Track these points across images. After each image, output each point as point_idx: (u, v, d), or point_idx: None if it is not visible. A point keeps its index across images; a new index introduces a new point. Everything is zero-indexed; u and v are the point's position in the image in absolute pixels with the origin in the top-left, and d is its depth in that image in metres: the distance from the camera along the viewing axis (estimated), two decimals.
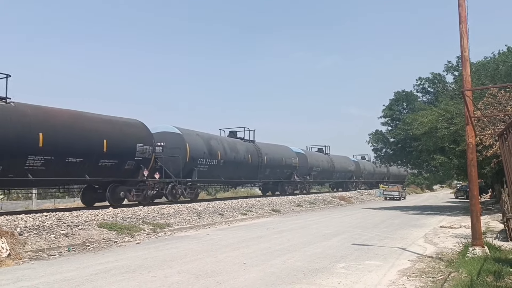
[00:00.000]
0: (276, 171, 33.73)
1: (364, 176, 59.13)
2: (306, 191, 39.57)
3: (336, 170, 47.37)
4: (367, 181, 60.11)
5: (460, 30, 9.24)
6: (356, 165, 55.15)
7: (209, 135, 27.06)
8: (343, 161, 51.15)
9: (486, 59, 27.08)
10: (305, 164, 39.06)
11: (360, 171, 56.43)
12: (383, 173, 64.58)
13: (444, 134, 23.10)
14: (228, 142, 28.42)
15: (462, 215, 22.58)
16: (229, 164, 27.35)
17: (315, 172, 41.71)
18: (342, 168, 49.85)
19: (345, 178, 51.99)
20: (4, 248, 9.97)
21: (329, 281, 7.63)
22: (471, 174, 9.30)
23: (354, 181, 55.43)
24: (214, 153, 25.88)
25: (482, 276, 7.11)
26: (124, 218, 15.70)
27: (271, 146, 34.29)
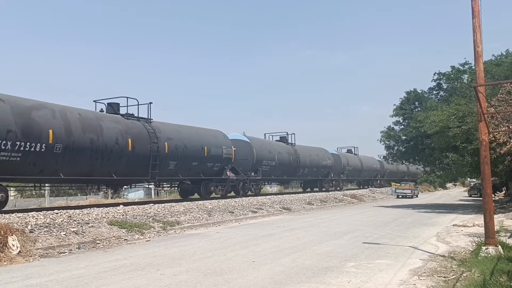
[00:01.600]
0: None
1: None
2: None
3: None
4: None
5: (473, 24, 9.05)
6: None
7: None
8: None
9: (500, 57, 26.67)
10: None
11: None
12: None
13: (456, 133, 22.79)
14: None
15: (476, 214, 22.26)
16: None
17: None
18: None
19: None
20: (15, 245, 10.04)
21: (338, 280, 7.53)
22: (484, 172, 9.12)
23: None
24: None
25: (495, 276, 6.95)
26: (135, 215, 15.74)
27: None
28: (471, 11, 9.12)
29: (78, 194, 37.59)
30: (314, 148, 41.34)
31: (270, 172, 31.91)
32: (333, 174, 42.99)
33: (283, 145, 35.54)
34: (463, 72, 28.65)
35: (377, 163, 58.64)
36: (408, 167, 66.29)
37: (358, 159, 52.86)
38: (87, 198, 36.48)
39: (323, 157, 41.28)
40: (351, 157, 50.57)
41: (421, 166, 53.41)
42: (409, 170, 67.92)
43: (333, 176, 43.22)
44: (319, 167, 40.15)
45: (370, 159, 56.84)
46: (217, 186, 25.46)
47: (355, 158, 51.66)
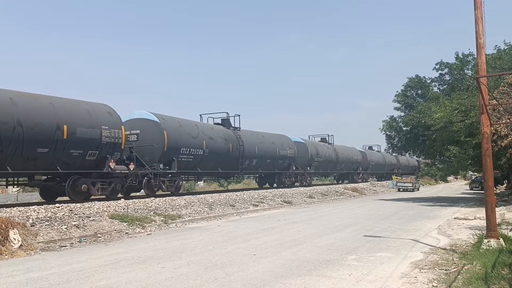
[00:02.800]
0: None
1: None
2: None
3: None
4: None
5: (475, 16, 8.97)
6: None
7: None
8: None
9: (503, 49, 26.52)
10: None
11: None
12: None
13: (460, 128, 22.70)
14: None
15: (477, 207, 22.23)
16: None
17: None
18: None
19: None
20: (16, 239, 10.05)
21: (339, 273, 7.52)
22: (486, 165, 9.06)
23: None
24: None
25: (497, 268, 6.93)
26: (136, 209, 15.75)
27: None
28: (473, 2, 9.03)
29: None
30: (268, 134, 32.78)
31: (195, 163, 23.58)
32: (295, 167, 34.79)
33: (220, 129, 26.89)
34: (466, 63, 28.41)
35: (358, 153, 50.97)
36: (398, 159, 63.40)
37: (382, 155, 53.49)
38: None
39: (281, 145, 32.84)
40: (323, 146, 42.15)
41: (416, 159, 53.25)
42: (399, 162, 64.07)
43: (296, 169, 34.95)
44: (274, 157, 31.66)
45: (349, 149, 48.65)
46: (94, 184, 17.58)
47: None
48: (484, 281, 6.37)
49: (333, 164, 43.02)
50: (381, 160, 58.43)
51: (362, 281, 6.92)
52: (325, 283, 6.83)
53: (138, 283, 6.92)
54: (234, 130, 27.81)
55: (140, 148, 20.53)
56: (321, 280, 7.02)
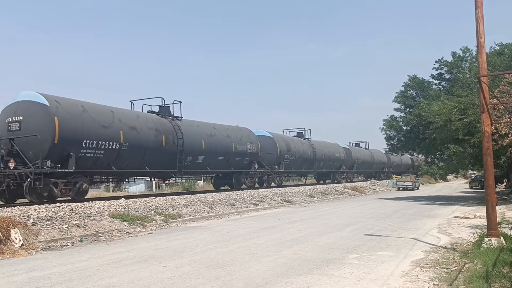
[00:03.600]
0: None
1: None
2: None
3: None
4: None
5: (476, 15, 8.97)
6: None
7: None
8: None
9: (502, 46, 26.51)
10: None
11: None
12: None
13: (458, 126, 22.70)
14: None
15: (477, 205, 22.26)
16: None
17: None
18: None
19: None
20: (17, 238, 10.06)
21: (341, 271, 7.53)
22: (487, 163, 9.07)
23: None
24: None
25: (497, 267, 6.94)
26: (136, 208, 15.77)
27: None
28: (474, 2, 9.04)
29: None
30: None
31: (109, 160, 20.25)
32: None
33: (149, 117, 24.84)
34: (464, 59, 28.38)
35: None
36: (412, 160, 66.38)
37: (370, 152, 54.23)
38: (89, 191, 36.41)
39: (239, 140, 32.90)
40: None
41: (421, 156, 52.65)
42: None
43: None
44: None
45: (329, 145, 47.59)
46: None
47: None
48: (485, 279, 6.38)
49: (309, 162, 38.21)
50: (368, 157, 54.05)
51: (363, 280, 6.94)
52: (326, 281, 6.84)
53: (140, 282, 6.93)
54: (172, 119, 22.53)
55: (22, 140, 15.95)
56: (323, 279, 7.04)
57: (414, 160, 68.37)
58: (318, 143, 41.05)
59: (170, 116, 22.84)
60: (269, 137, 31.98)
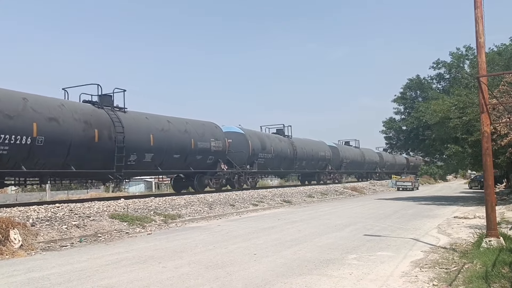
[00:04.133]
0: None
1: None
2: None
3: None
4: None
5: (476, 15, 8.97)
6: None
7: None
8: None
9: (501, 47, 26.53)
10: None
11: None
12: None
13: (457, 124, 22.71)
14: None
15: (476, 206, 22.26)
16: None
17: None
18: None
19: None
20: (17, 239, 10.05)
21: (340, 272, 7.53)
22: (486, 164, 9.07)
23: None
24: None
25: (497, 267, 6.94)
26: (136, 209, 15.76)
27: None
28: (473, 2, 9.04)
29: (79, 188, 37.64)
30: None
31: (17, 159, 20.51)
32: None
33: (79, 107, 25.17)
34: (465, 57, 28.36)
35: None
36: (407, 159, 64.25)
37: (360, 151, 51.01)
38: (88, 191, 36.56)
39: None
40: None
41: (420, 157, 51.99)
42: (408, 162, 65.76)
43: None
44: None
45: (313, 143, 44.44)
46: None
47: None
48: (485, 279, 6.38)
49: (289, 162, 34.50)
50: (358, 157, 50.48)
51: (363, 280, 6.94)
52: (326, 282, 6.84)
53: (140, 282, 6.92)
54: (112, 110, 19.04)
55: None
56: (322, 279, 7.03)
57: (410, 160, 65.57)
58: (299, 141, 37.16)
59: (110, 106, 19.07)
60: (240, 134, 28.71)
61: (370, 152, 55.90)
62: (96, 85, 19.22)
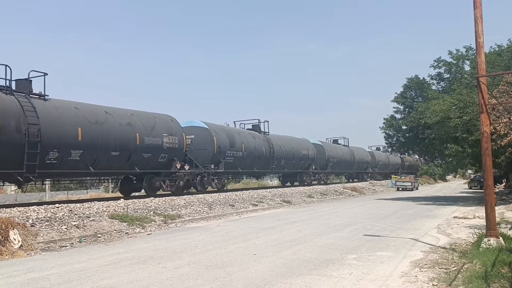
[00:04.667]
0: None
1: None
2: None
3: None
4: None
5: (475, 15, 8.99)
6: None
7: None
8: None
9: (501, 47, 26.54)
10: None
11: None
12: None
13: (457, 124, 22.70)
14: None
15: (476, 206, 22.28)
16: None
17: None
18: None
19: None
20: (16, 239, 10.05)
21: (340, 272, 7.53)
22: (486, 164, 9.08)
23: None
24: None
25: (496, 267, 6.95)
26: (135, 209, 15.76)
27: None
28: (473, 2, 9.05)
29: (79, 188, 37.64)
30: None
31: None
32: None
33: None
34: (465, 57, 28.33)
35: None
36: (402, 159, 62.25)
37: (387, 155, 48.67)
38: (88, 192, 36.54)
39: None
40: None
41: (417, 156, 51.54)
42: (403, 162, 63.22)
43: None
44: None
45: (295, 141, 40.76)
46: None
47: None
48: (484, 279, 6.39)
49: (264, 161, 30.49)
50: (347, 156, 46.70)
51: (362, 280, 6.94)
52: (325, 282, 6.84)
53: (139, 283, 6.93)
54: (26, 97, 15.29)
55: None
56: (322, 279, 7.04)
57: (405, 160, 62.80)
58: (277, 138, 33.24)
59: (24, 93, 15.59)
60: (204, 129, 25.05)
61: (361, 151, 51.89)
62: (4, 65, 15.11)
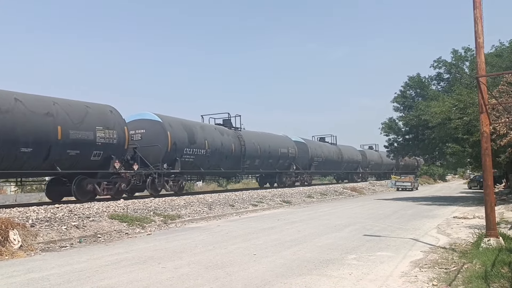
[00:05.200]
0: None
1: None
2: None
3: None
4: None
5: (475, 15, 8.98)
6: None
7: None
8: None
9: (502, 45, 26.51)
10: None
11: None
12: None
13: (458, 125, 22.68)
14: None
15: (476, 206, 22.27)
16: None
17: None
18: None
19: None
20: (16, 239, 10.04)
21: (340, 272, 7.53)
22: (486, 164, 9.08)
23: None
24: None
25: (496, 267, 6.95)
26: (135, 209, 15.76)
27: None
28: (472, 2, 9.05)
29: None
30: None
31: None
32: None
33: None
34: (464, 58, 28.32)
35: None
36: (417, 161, 61.09)
37: (379, 155, 46.19)
38: None
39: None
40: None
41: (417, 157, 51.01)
42: (418, 163, 62.15)
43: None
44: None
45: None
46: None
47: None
48: (484, 279, 6.39)
49: (234, 159, 27.04)
50: (334, 155, 43.54)
51: (362, 280, 6.94)
52: (325, 282, 6.84)
53: (139, 283, 6.92)
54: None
55: None
56: (322, 279, 7.04)
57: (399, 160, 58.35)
58: (251, 134, 29.61)
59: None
60: (155, 122, 21.51)
61: (350, 150, 48.44)
62: None
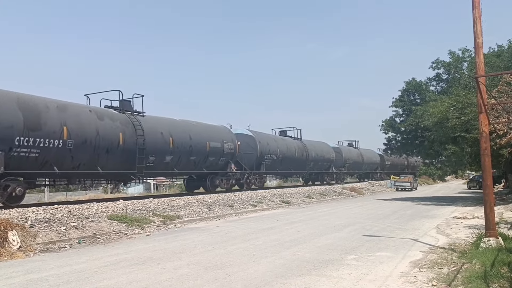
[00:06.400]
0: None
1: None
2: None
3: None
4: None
5: (473, 16, 8.99)
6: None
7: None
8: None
9: (501, 48, 26.55)
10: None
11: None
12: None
13: (455, 124, 22.69)
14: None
15: (475, 206, 22.29)
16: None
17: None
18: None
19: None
20: (15, 240, 10.03)
21: (339, 272, 7.53)
22: (485, 164, 9.08)
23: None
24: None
25: (496, 267, 6.95)
26: (134, 210, 15.74)
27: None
28: (471, 2, 9.05)
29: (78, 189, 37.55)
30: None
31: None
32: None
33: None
34: (462, 59, 28.35)
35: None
36: (407, 160, 64.64)
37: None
38: (87, 193, 36.47)
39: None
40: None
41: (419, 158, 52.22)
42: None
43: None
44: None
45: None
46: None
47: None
48: (484, 279, 6.39)
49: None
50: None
51: (362, 281, 6.94)
52: (325, 282, 6.84)
53: (139, 283, 6.91)
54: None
55: None
56: (321, 279, 7.03)
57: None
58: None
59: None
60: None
61: (320, 146, 42.60)
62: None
